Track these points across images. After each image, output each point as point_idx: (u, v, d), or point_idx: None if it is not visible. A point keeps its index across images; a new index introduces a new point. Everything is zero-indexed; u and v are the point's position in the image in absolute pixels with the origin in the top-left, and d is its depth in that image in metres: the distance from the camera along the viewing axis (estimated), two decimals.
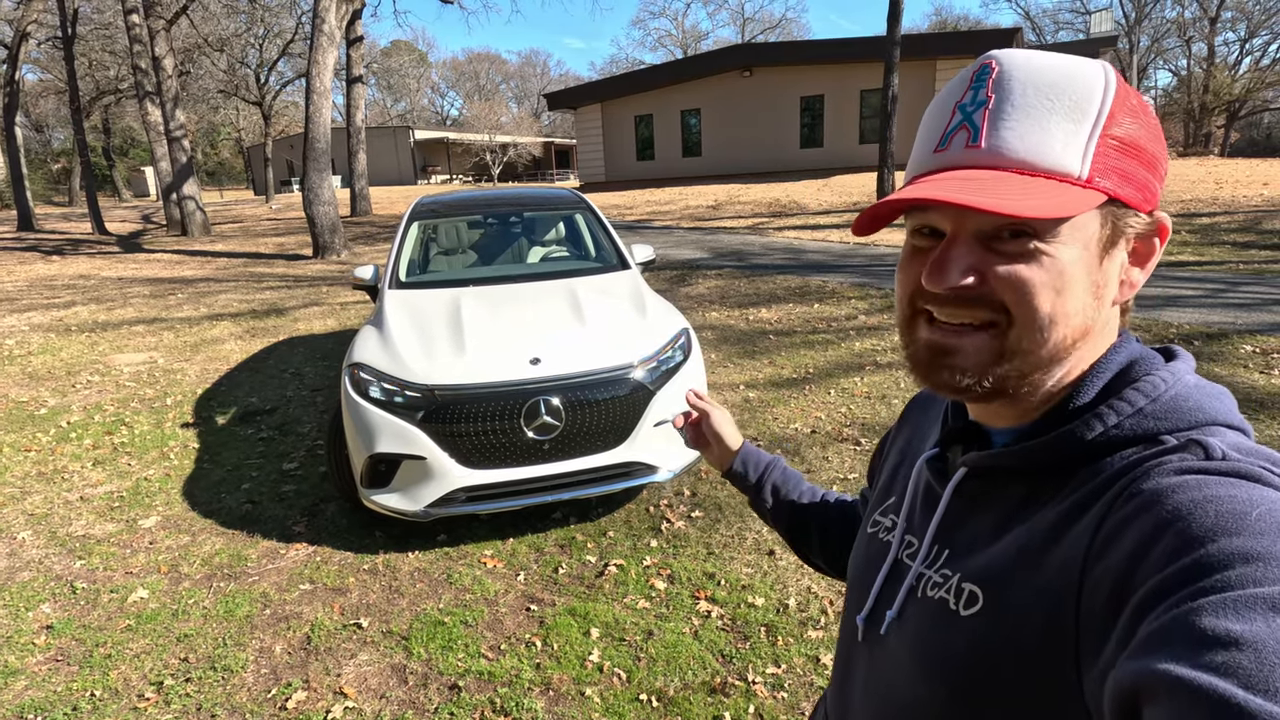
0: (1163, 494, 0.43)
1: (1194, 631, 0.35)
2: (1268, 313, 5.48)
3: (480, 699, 2.17)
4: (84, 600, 2.75)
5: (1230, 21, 37.41)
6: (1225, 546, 0.38)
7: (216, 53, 26.97)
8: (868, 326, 6.03)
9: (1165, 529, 0.41)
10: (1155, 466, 0.46)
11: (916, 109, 17.89)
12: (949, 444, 0.62)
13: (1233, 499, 0.41)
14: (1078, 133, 0.48)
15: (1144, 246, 0.52)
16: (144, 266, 12.11)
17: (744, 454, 0.99)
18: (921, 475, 0.64)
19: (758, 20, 58.25)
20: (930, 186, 0.49)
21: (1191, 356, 0.54)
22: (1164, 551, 0.40)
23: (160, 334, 7.11)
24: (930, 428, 0.68)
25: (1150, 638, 0.37)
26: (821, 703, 0.79)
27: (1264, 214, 9.61)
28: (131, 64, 16.85)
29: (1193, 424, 0.48)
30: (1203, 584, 0.37)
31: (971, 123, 0.50)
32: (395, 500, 2.89)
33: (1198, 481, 0.43)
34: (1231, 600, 0.36)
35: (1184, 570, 0.39)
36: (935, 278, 0.50)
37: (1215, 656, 0.34)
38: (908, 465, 0.68)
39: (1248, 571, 0.37)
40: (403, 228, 4.31)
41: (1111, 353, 0.53)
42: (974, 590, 0.52)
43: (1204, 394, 0.50)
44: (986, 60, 0.51)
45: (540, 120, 57.42)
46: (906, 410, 0.77)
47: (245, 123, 37.56)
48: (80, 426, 4.59)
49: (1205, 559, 0.38)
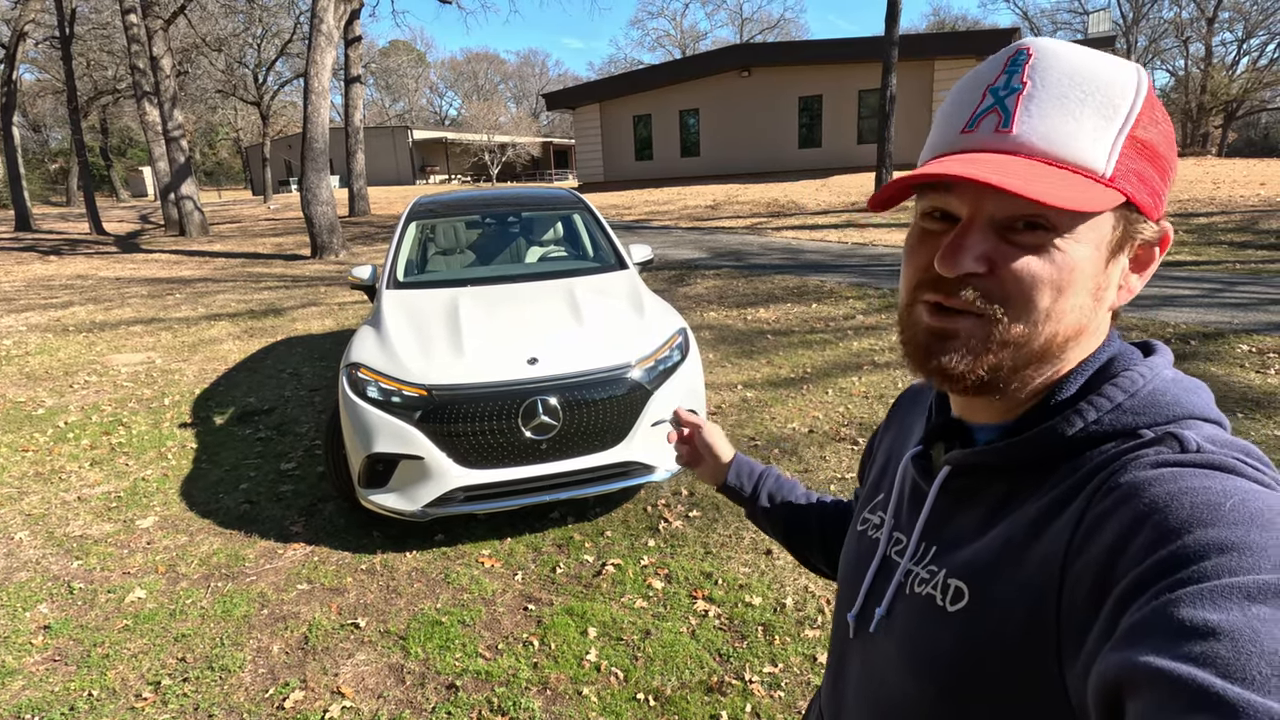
0: (1140, 487, 0.44)
1: (1172, 623, 0.36)
2: (1264, 312, 5.50)
3: (478, 698, 2.17)
4: (81, 600, 2.75)
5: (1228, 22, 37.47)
6: (1201, 538, 0.39)
7: (214, 52, 26.94)
8: (865, 326, 6.03)
9: (1143, 521, 0.42)
10: (1132, 460, 0.46)
11: (914, 109, 17.93)
12: (932, 441, 0.62)
13: (1207, 490, 0.41)
14: (1107, 130, 0.48)
15: (1146, 253, 0.53)
16: (142, 267, 12.10)
17: (737, 464, 0.98)
18: (907, 473, 0.64)
19: (756, 20, 58.32)
20: (961, 164, 0.48)
21: (1169, 351, 0.55)
22: (1142, 544, 0.41)
23: (158, 334, 7.11)
24: (915, 425, 0.69)
25: (1131, 630, 0.38)
26: (815, 700, 0.79)
27: (1261, 214, 9.63)
28: (129, 64, 16.83)
29: (1170, 418, 0.49)
30: (1180, 575, 0.38)
31: (1004, 107, 0.49)
32: (393, 500, 2.89)
33: (1173, 474, 0.43)
34: (1208, 591, 0.36)
35: (1161, 562, 0.39)
36: (948, 262, 0.49)
37: (1194, 647, 0.34)
38: (894, 463, 0.69)
39: (1223, 561, 0.37)
40: (400, 228, 4.31)
41: (1096, 350, 0.54)
42: (960, 586, 0.52)
43: (1181, 388, 0.51)
44: (1023, 46, 0.51)
45: (539, 120, 57.43)
46: (893, 409, 0.78)
47: (243, 123, 37.51)
48: (78, 427, 4.59)
49: (1182, 550, 0.39)
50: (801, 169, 19.86)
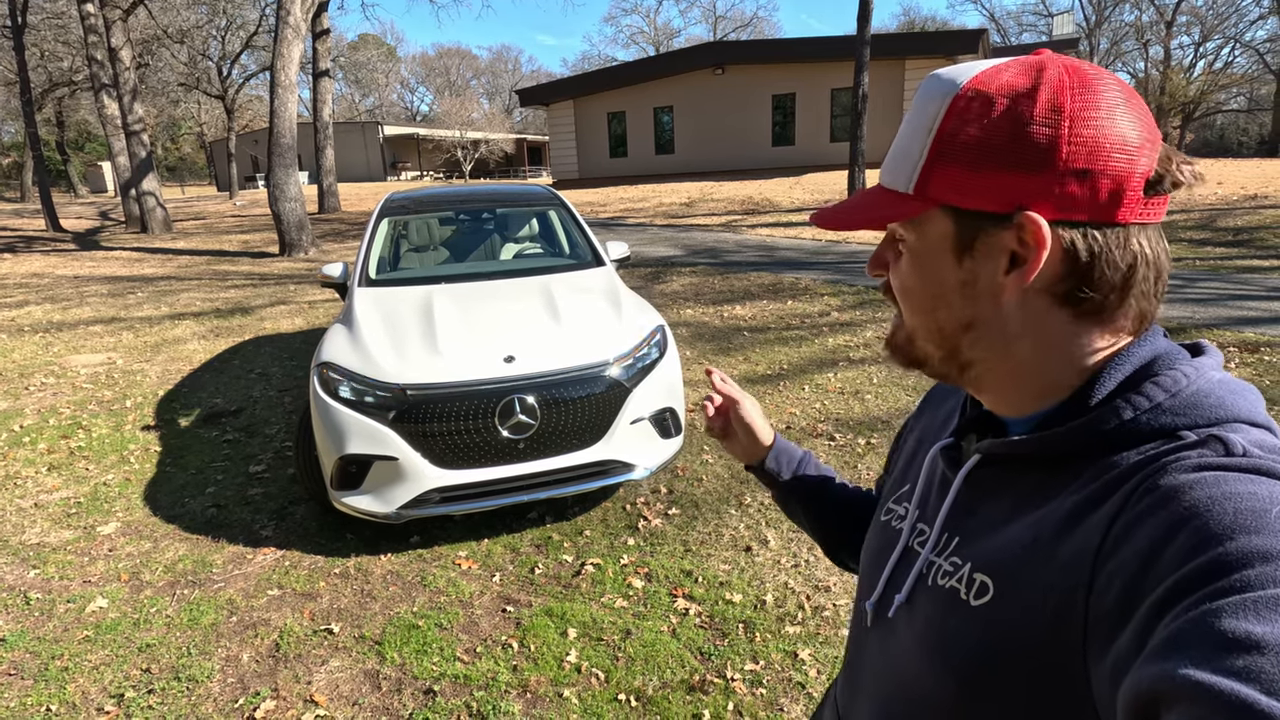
0: (1179, 490, 0.42)
1: (1213, 634, 0.34)
2: (1223, 308, 5.66)
3: (456, 703, 2.13)
4: (39, 611, 2.64)
5: (1185, 25, 38.62)
6: (1244, 545, 0.37)
7: (176, 44, 26.18)
8: (840, 323, 6.08)
9: (1181, 526, 0.40)
10: (1173, 462, 0.45)
11: (886, 108, 18.15)
12: (964, 434, 0.62)
13: (1253, 496, 0.40)
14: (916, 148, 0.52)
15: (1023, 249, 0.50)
16: (101, 265, 11.73)
17: (779, 449, 0.94)
18: (936, 464, 0.63)
19: (729, 18, 58.49)
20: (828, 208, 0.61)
21: (1219, 353, 0.53)
22: (1180, 549, 0.39)
23: (119, 334, 6.89)
24: (946, 418, 0.69)
25: (1169, 641, 0.36)
26: (832, 689, 0.78)
27: (1218, 212, 9.92)
28: (86, 55, 16.24)
29: (1214, 420, 0.47)
30: (1221, 584, 0.36)
31: None
32: (366, 502, 2.83)
33: (1215, 478, 0.42)
34: (1251, 601, 0.35)
35: (1201, 569, 0.38)
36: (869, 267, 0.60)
37: (1236, 661, 0.33)
38: (922, 454, 0.68)
39: (1268, 571, 0.36)
40: (372, 224, 4.23)
41: (1134, 347, 0.52)
42: (985, 580, 0.51)
43: (1228, 390, 0.49)
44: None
45: (512, 117, 56.99)
46: (924, 401, 0.77)
47: (207, 117, 36.58)
48: (34, 430, 4.42)
49: (1223, 557, 0.37)
50: (775, 167, 19.98)
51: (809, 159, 19.84)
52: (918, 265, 0.55)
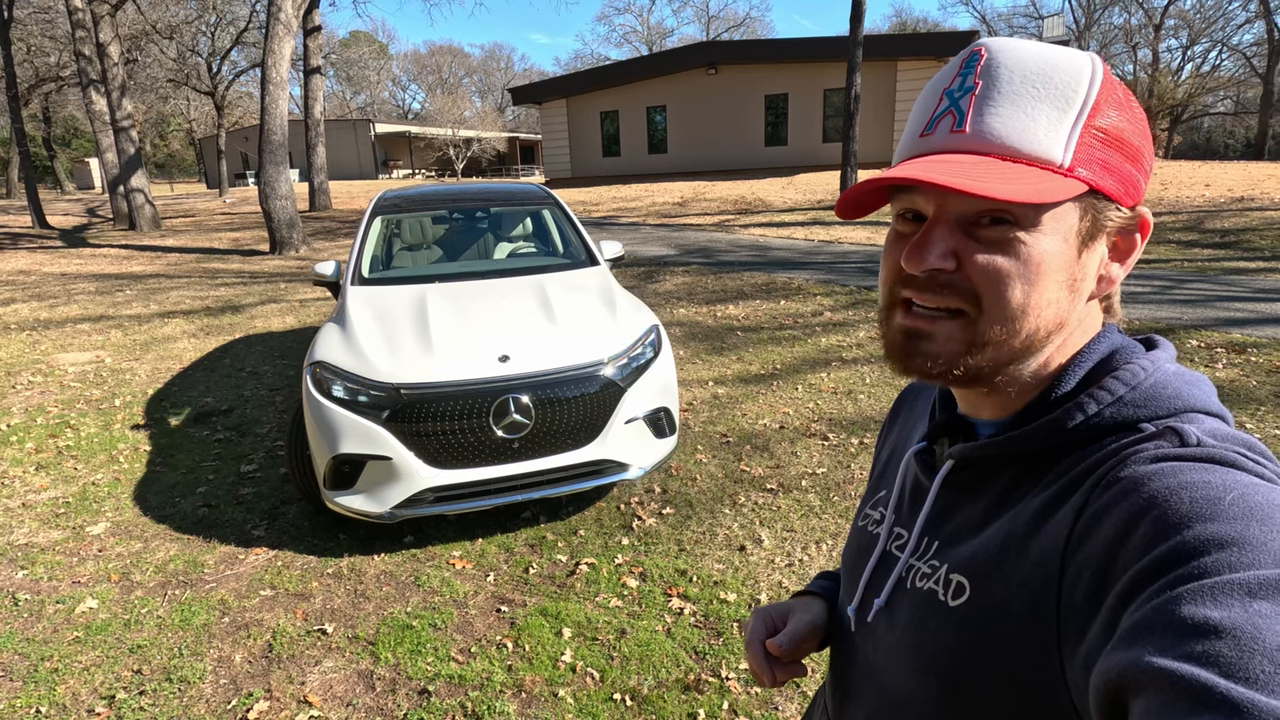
0: (1139, 481, 0.43)
1: (1174, 621, 0.36)
2: (1210, 308, 5.72)
3: (451, 703, 2.13)
4: (28, 612, 2.62)
5: (1173, 29, 38.95)
6: (1201, 533, 0.39)
7: (166, 40, 25.95)
8: (833, 323, 6.10)
9: (1142, 516, 0.41)
10: (1132, 454, 0.46)
11: (879, 108, 18.22)
12: (936, 437, 0.62)
13: (1207, 484, 0.41)
14: (1062, 121, 0.48)
15: (1124, 241, 0.52)
16: (89, 262, 11.62)
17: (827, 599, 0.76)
18: (910, 468, 0.64)
19: (722, 18, 58.58)
20: (911, 167, 0.49)
21: (1171, 345, 0.55)
22: (1142, 539, 0.41)
23: (108, 332, 6.83)
24: (919, 421, 0.69)
25: (1132, 629, 0.37)
26: (820, 694, 0.79)
27: (1206, 214, 10.02)
28: (74, 50, 16.10)
29: (1171, 411, 0.48)
30: (1180, 572, 0.38)
31: (958, 108, 0.50)
32: (360, 502, 2.81)
33: (1173, 468, 0.43)
34: (1209, 588, 0.36)
35: (1161, 558, 0.39)
36: (914, 259, 0.50)
37: (1196, 646, 0.34)
38: (896, 459, 0.69)
39: (1223, 557, 0.37)
40: (365, 222, 4.21)
41: (1093, 343, 0.53)
42: (961, 581, 0.52)
43: (1183, 381, 0.50)
44: (976, 47, 0.52)
45: (504, 115, 56.82)
46: (896, 404, 0.77)
47: (197, 113, 36.24)
48: (21, 429, 4.37)
49: (1182, 546, 0.39)
50: (768, 167, 20.03)
51: (802, 159, 19.89)
52: (1037, 257, 0.48)
